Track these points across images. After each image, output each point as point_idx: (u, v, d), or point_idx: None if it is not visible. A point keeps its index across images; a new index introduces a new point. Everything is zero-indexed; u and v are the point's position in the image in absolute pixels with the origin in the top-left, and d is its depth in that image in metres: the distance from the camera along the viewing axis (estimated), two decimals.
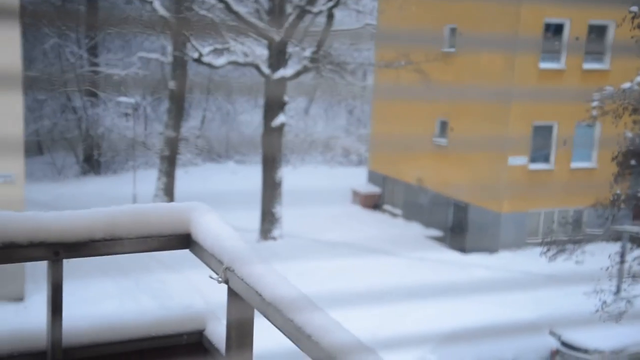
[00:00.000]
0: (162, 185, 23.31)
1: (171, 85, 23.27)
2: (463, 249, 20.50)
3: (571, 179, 20.46)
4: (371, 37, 22.25)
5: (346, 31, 21.36)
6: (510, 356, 12.51)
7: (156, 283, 15.85)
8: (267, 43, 20.26)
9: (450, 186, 21.39)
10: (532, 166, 20.44)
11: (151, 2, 19.94)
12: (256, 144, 27.00)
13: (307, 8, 19.82)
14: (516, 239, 20.16)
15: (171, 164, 23.43)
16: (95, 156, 29.80)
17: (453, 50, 21.26)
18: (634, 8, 14.00)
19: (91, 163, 29.76)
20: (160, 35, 23.43)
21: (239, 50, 20.29)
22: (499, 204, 20.21)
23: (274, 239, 20.67)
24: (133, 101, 25.28)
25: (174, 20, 20.22)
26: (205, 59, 20.41)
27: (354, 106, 34.30)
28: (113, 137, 28.18)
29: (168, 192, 23.24)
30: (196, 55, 20.48)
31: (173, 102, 23.41)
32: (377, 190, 25.68)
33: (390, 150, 24.46)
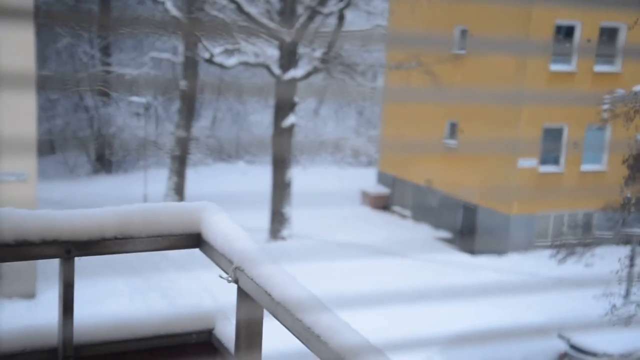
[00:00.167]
0: (172, 185, 23.45)
1: (182, 85, 23.42)
2: (472, 251, 20.48)
3: (581, 182, 20.40)
4: (381, 39, 22.28)
5: (357, 32, 21.40)
6: (518, 359, 12.49)
7: (166, 282, 15.95)
8: (277, 44, 20.34)
9: (459, 188, 21.37)
10: (541, 169, 20.38)
11: (163, 3, 20.08)
12: (266, 144, 27.08)
13: (318, 9, 19.88)
14: (525, 242, 20.12)
15: (182, 163, 23.57)
16: (107, 155, 30.00)
17: (463, 52, 21.24)
18: None
19: (103, 162, 29.97)
20: (171, 35, 23.57)
21: (249, 50, 20.38)
22: (509, 205, 20.18)
23: (283, 239, 20.74)
24: (144, 101, 25.44)
25: (186, 21, 20.34)
26: (216, 59, 20.53)
27: (363, 107, 34.33)
28: (124, 136, 28.37)
29: (179, 191, 23.38)
30: (207, 56, 20.60)
31: (184, 102, 23.54)
32: (387, 192, 25.70)
33: (399, 152, 24.47)
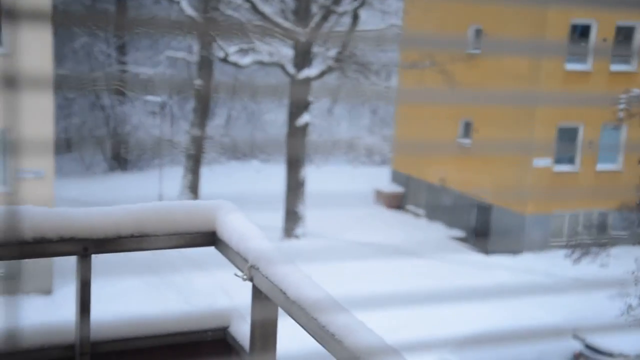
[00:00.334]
0: (187, 183, 23.63)
1: (197, 84, 23.57)
2: (486, 251, 20.43)
3: (596, 182, 20.27)
4: (395, 39, 22.29)
5: (371, 32, 21.42)
6: (533, 358, 12.46)
7: (182, 280, 16.07)
8: (292, 43, 20.41)
9: (473, 187, 21.33)
10: (556, 168, 20.29)
11: (178, 2, 20.23)
12: (280, 143, 27.17)
13: (332, 8, 19.93)
14: (540, 241, 20.04)
15: (196, 162, 23.73)
16: (123, 153, 30.26)
17: (478, 51, 21.18)
18: None
19: (118, 160, 30.24)
20: (187, 35, 23.74)
21: (264, 50, 20.47)
22: (523, 205, 20.11)
23: (297, 237, 20.82)
24: (160, 100, 25.64)
25: (201, 21, 20.47)
26: (231, 58, 20.64)
27: (377, 106, 34.32)
28: (140, 135, 28.62)
29: (193, 189, 23.55)
30: (222, 55, 20.72)
31: (199, 101, 23.70)
32: (401, 191, 25.69)
33: (413, 151, 24.45)
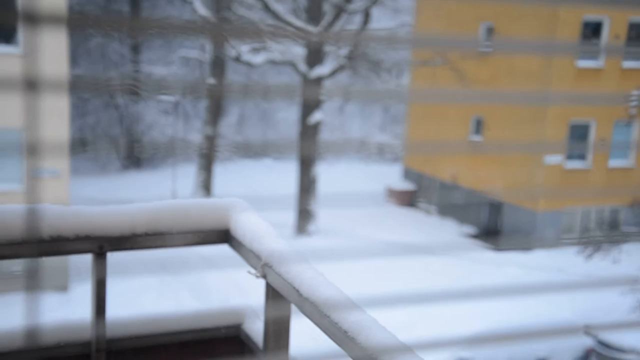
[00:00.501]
0: (200, 181, 23.86)
1: (210, 83, 23.75)
2: (498, 247, 20.47)
3: (608, 178, 20.24)
4: (407, 39, 22.38)
5: (382, 30, 21.51)
6: (544, 354, 12.49)
7: (195, 278, 16.26)
8: (304, 42, 20.53)
9: (485, 184, 21.37)
10: (568, 165, 20.27)
11: (191, 3, 20.43)
12: (292, 141, 27.30)
13: (344, 7, 20.04)
14: (552, 238, 20.05)
15: (210, 160, 23.96)
16: (136, 152, 30.56)
17: (490, 49, 21.17)
18: None
19: (132, 159, 30.55)
20: (199, 35, 23.87)
21: (276, 48, 20.62)
22: (535, 202, 20.13)
23: (309, 235, 20.97)
24: (173, 99, 25.88)
25: (214, 21, 20.65)
26: (243, 58, 20.82)
27: (389, 104, 34.36)
28: (154, 133, 28.90)
29: (206, 188, 23.78)
30: (235, 54, 20.90)
31: (212, 100, 23.91)
32: (412, 188, 25.77)
33: (425, 149, 24.51)
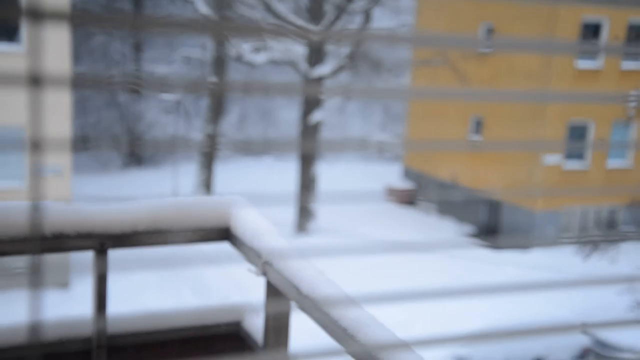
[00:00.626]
0: (201, 179, 23.99)
1: (211, 82, 23.87)
2: (496, 247, 20.58)
3: (607, 179, 20.36)
4: (407, 39, 22.47)
5: (383, 30, 21.62)
6: (542, 352, 12.57)
7: (196, 275, 16.37)
8: (305, 41, 20.66)
9: (484, 183, 21.49)
10: (567, 165, 20.38)
11: (193, 3, 20.56)
12: (293, 140, 27.42)
13: (345, 7, 20.17)
14: (550, 237, 20.15)
15: (210, 158, 24.09)
16: (138, 150, 30.70)
17: (490, 50, 21.30)
18: None
19: (133, 157, 30.69)
20: (201, 34, 24.01)
21: (277, 48, 20.74)
22: (533, 201, 20.25)
23: (309, 233, 21.09)
24: (174, 98, 26.01)
25: (215, 21, 20.76)
26: (244, 57, 20.95)
27: (389, 103, 34.49)
28: (155, 132, 29.04)
29: (207, 185, 23.91)
30: (236, 54, 21.03)
31: (213, 99, 24.03)
32: (412, 187, 25.90)
33: (424, 148, 24.64)
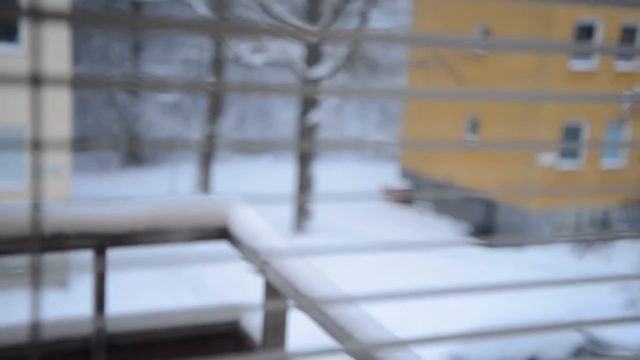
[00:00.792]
0: (199, 179, 24.13)
1: (209, 83, 23.99)
2: (492, 245, 20.71)
3: (601, 179, 20.52)
4: (403, 40, 22.61)
5: (379, 31, 21.75)
6: (536, 350, 12.68)
7: (194, 275, 16.47)
8: (302, 43, 20.78)
9: (480, 183, 21.63)
10: (561, 165, 20.54)
11: (191, 5, 20.69)
12: (290, 141, 27.54)
13: (343, 8, 20.30)
14: (545, 236, 20.29)
15: (208, 158, 24.22)
16: (136, 150, 30.81)
17: (485, 51, 21.46)
18: None
19: (132, 156, 30.81)
20: (199, 36, 24.12)
21: (274, 49, 20.86)
22: (529, 201, 20.41)
23: (306, 232, 21.22)
24: (173, 98, 26.12)
25: (213, 21, 20.86)
26: (242, 59, 21.07)
27: (386, 104, 34.65)
28: (153, 132, 29.17)
29: (205, 185, 24.04)
30: (234, 55, 21.15)
31: (211, 100, 24.16)
32: (408, 187, 26.05)
33: (420, 148, 24.76)
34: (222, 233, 1.93)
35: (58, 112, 14.69)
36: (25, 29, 14.22)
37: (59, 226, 1.72)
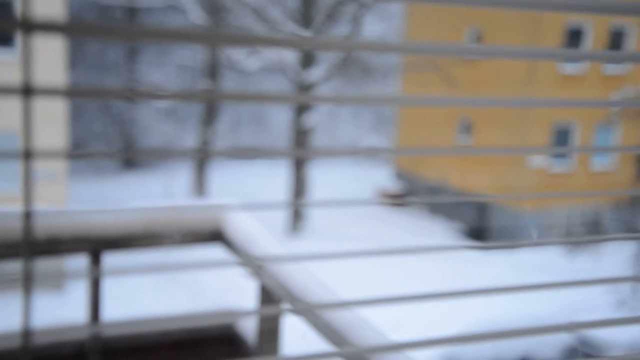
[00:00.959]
0: (195, 183, 24.22)
1: (204, 89, 24.08)
2: (485, 247, 20.79)
3: (591, 181, 20.70)
4: (395, 47, 22.78)
5: (373, 38, 21.90)
6: (527, 351, 12.75)
7: (189, 278, 16.49)
8: (296, 48, 20.86)
9: (473, 185, 21.79)
10: (552, 168, 20.72)
11: (185, 13, 20.79)
12: (285, 145, 27.65)
13: (336, 14, 20.44)
14: (538, 238, 20.44)
15: (204, 163, 24.30)
16: (130, 158, 30.82)
17: (477, 56, 21.58)
18: None
19: (128, 161, 30.85)
20: (194, 44, 24.18)
21: (268, 55, 20.97)
22: (521, 202, 20.56)
23: (300, 235, 21.31)
24: (168, 104, 26.19)
25: (208, 32, 20.95)
26: (236, 65, 21.19)
27: (381, 107, 34.80)
28: (148, 137, 29.23)
29: (201, 189, 24.13)
30: (228, 62, 21.27)
31: (206, 105, 24.24)
32: (403, 189, 26.20)
33: (412, 152, 24.89)
34: (217, 236, 1.93)
35: (53, 117, 14.76)
36: (18, 38, 14.26)
37: (54, 231, 1.72)
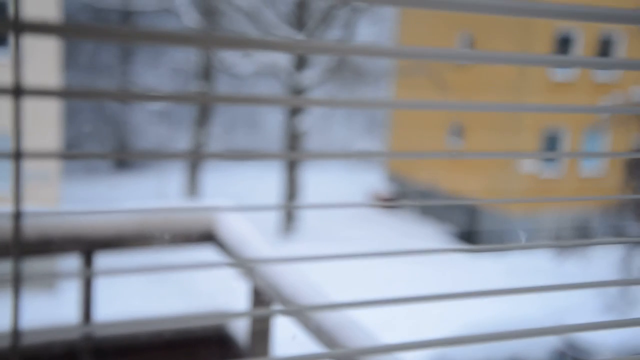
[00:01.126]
0: (188, 185, 24.31)
1: (198, 92, 24.17)
2: (475, 251, 21.00)
3: (580, 187, 20.94)
4: (388, 52, 22.99)
5: (365, 41, 22.08)
6: (515, 354, 12.90)
7: (181, 279, 16.57)
8: (289, 52, 21.00)
9: (464, 189, 22.01)
10: (542, 174, 20.96)
11: (179, 16, 20.90)
12: (278, 148, 27.77)
13: (329, 18, 20.61)
14: (527, 241, 20.63)
15: (197, 164, 24.41)
16: (122, 160, 30.81)
17: (469, 62, 21.80)
18: None
19: (121, 162, 30.88)
20: (187, 47, 24.28)
21: (262, 59, 21.10)
22: (511, 206, 20.80)
23: (292, 236, 21.45)
24: (162, 106, 26.27)
25: (202, 35, 21.09)
26: (230, 68, 21.31)
27: (373, 110, 34.94)
28: (142, 138, 29.30)
29: (193, 191, 24.23)
30: (222, 65, 21.38)
31: (199, 108, 24.36)
32: (395, 192, 26.40)
33: (406, 155, 25.07)
34: (209, 237, 1.94)
35: (47, 118, 14.83)
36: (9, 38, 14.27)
37: (46, 231, 1.72)
